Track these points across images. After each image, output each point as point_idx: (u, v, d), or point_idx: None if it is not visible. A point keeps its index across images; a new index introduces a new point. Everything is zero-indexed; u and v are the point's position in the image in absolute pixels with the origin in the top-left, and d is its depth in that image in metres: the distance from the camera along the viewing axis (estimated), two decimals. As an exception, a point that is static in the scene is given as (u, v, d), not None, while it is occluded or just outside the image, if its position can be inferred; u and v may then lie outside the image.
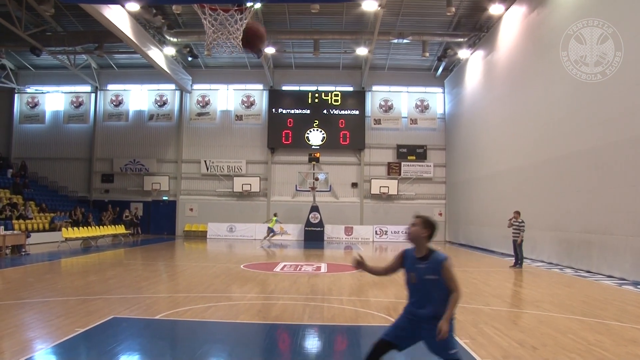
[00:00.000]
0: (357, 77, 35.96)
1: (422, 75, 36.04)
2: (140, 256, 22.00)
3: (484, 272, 17.40)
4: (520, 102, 22.94)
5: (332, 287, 12.95)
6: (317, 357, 7.22)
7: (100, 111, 36.99)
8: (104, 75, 36.92)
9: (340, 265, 18.98)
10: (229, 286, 13.40)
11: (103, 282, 13.84)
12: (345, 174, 35.78)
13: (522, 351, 7.06)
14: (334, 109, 35.76)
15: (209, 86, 36.61)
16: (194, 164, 36.22)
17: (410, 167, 35.56)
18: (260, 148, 36.10)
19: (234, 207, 35.58)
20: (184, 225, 36.03)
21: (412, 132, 35.93)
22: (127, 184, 36.45)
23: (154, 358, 6.86)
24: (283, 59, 35.34)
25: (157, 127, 36.72)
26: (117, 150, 36.53)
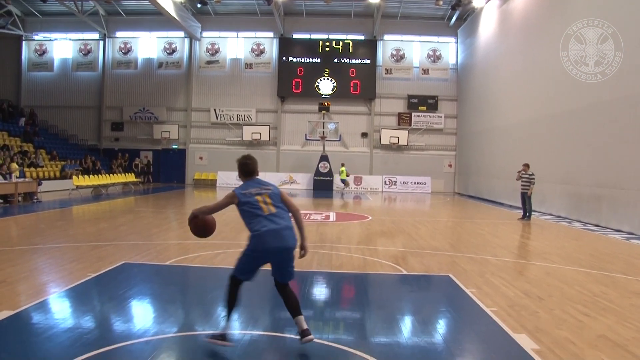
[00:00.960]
0: (369, 25, 35.34)
1: (435, 25, 35.34)
2: (150, 204, 22.21)
3: (492, 224, 17.46)
4: (534, 54, 22.50)
5: (340, 236, 13.05)
6: (325, 303, 7.33)
7: (109, 59, 36.73)
8: (112, 23, 36.49)
9: (348, 214, 19.09)
10: (238, 234, 13.49)
11: (114, 229, 14.01)
12: (356, 123, 35.58)
13: (528, 301, 7.12)
14: (345, 58, 35.31)
15: (219, 34, 36.12)
16: (204, 113, 36.11)
17: (421, 117, 35.28)
18: (270, 97, 35.86)
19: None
20: (193, 173, 36.20)
21: (424, 82, 35.49)
22: (137, 133, 36.48)
23: (164, 303, 6.98)
24: (294, 6, 34.72)
25: (167, 75, 36.47)
26: (126, 99, 36.42)
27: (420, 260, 10.07)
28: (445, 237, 14.22)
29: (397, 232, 14.46)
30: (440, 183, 35.14)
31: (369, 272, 9.08)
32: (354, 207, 23.69)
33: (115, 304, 6.74)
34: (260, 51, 35.78)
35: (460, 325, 6.26)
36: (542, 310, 6.64)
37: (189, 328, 5.98)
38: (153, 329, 5.70)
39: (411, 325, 6.24)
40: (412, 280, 8.63)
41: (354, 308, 7.11)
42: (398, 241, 12.76)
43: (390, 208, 23.98)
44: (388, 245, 12.18)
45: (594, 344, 5.46)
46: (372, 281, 8.63)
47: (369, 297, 7.74)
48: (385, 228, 15.26)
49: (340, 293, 8.04)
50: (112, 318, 6.21)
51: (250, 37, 35.96)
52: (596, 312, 6.65)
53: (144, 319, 6.27)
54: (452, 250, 11.38)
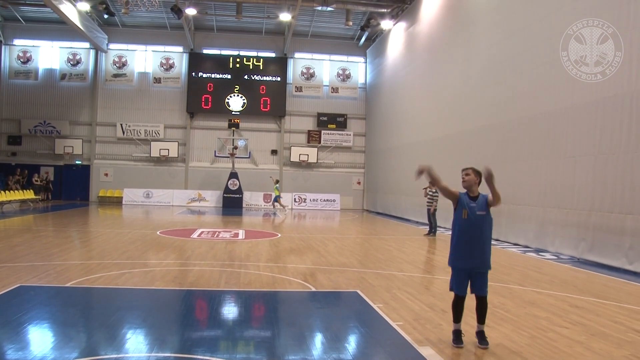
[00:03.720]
0: (280, 43, 35.62)
1: (344, 44, 36.14)
2: (51, 222, 21.17)
3: (400, 239, 17.93)
4: (438, 75, 23.49)
5: (249, 254, 12.97)
6: (234, 322, 7.24)
7: (6, 68, 34.75)
8: (9, 29, 34.63)
9: (258, 232, 19.01)
10: (144, 253, 13.13)
11: (9, 249, 13.21)
12: (265, 140, 35.62)
13: (432, 314, 7.36)
14: (255, 75, 35.34)
15: (127, 46, 35.20)
16: (110, 127, 34.93)
17: (330, 135, 35.83)
18: (179, 112, 35.25)
19: (151, 172, 34.73)
20: (98, 190, 34.83)
21: (333, 100, 36.11)
22: (37, 147, 34.70)
23: (64, 326, 6.65)
24: (204, 21, 34.45)
25: (70, 88, 35.03)
26: (25, 111, 34.58)
27: (329, 277, 10.16)
28: (353, 253, 14.44)
29: (306, 249, 14.54)
30: (350, 200, 35.73)
31: (278, 289, 9.08)
32: (263, 224, 23.63)
33: (9, 330, 6.34)
34: (170, 65, 35.16)
35: (368, 340, 6.36)
36: (445, 323, 6.87)
37: (90, 352, 5.72)
38: (51, 355, 5.40)
39: (320, 342, 6.27)
40: (320, 297, 8.70)
41: (263, 326, 7.07)
42: (307, 258, 12.83)
43: (299, 225, 24.09)
44: (297, 263, 12.22)
45: (492, 352, 5.74)
46: (281, 299, 8.63)
47: (278, 314, 7.73)
48: (294, 245, 15.31)
49: (249, 311, 7.96)
50: (5, 345, 5.82)
51: (159, 50, 35.27)
52: (494, 322, 6.97)
53: (42, 344, 5.94)
54: (360, 267, 11.58)
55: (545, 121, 15.23)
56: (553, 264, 12.88)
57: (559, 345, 6.11)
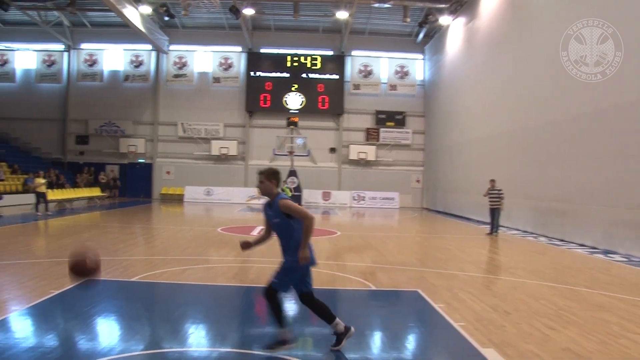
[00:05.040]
0: (337, 41, 35.60)
1: (402, 41, 35.80)
2: (116, 219, 21.84)
3: (460, 239, 17.63)
4: (499, 70, 22.96)
5: (309, 252, 12.98)
6: (293, 319, 7.26)
7: (74, 71, 36.15)
8: (77, 34, 35.98)
9: (317, 229, 19.02)
10: (205, 249, 13.38)
11: (77, 244, 13.71)
12: (324, 138, 35.67)
13: (495, 315, 7.19)
14: (313, 73, 35.47)
15: (186, 47, 35.94)
16: (171, 127, 35.78)
17: (389, 133, 35.57)
18: (238, 111, 35.74)
19: (211, 170, 35.37)
20: (160, 188, 35.76)
21: (391, 98, 35.84)
22: (103, 146, 35.91)
23: (130, 320, 6.84)
24: (262, 21, 34.80)
25: (133, 88, 36.08)
26: (92, 112, 35.83)
27: (389, 276, 10.09)
28: (413, 252, 14.30)
29: (365, 247, 14.48)
30: (408, 198, 35.40)
31: (338, 287, 9.06)
32: (322, 222, 23.68)
33: (79, 322, 6.58)
34: (228, 65, 35.70)
35: (429, 341, 6.27)
36: (509, 324, 6.70)
37: (155, 345, 5.87)
38: (118, 347, 5.56)
39: (380, 342, 6.23)
40: (380, 296, 8.64)
41: (323, 324, 7.06)
42: (366, 256, 12.78)
43: (358, 223, 24.05)
44: (356, 261, 12.18)
45: (559, 357, 5.54)
46: (340, 297, 8.61)
47: (338, 313, 7.70)
48: (353, 243, 15.27)
49: (309, 309, 7.98)
50: (76, 336, 6.05)
51: (218, 51, 35.85)
52: (561, 325, 6.74)
53: (109, 337, 6.13)
54: (420, 266, 11.45)
55: (612, 116, 14.65)
56: (623, 266, 12.34)
57: (632, 352, 5.82)
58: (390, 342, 6.17)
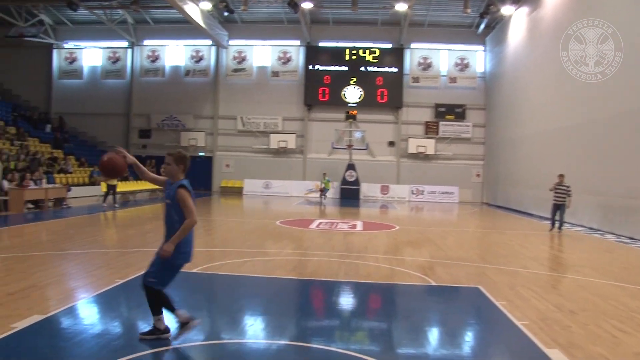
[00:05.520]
0: (396, 33, 35.22)
1: (462, 33, 35.07)
2: (177, 211, 22.23)
3: (522, 235, 17.18)
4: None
5: (367, 245, 12.94)
6: (351, 313, 7.24)
7: (137, 67, 37.17)
8: (140, 31, 36.92)
9: (375, 223, 18.94)
10: (264, 242, 13.51)
11: (141, 235, 14.10)
12: (382, 132, 35.40)
13: (560, 315, 6.94)
14: (371, 66, 35.22)
15: (245, 42, 36.30)
16: (230, 120, 36.28)
17: (449, 126, 34.97)
18: (296, 105, 35.90)
19: (270, 163, 35.69)
20: (220, 181, 36.36)
21: (451, 90, 35.21)
22: (165, 140, 36.75)
23: (192, 310, 6.93)
24: (320, 15, 34.78)
25: (194, 83, 36.76)
26: (154, 106, 36.75)
27: (448, 271, 9.92)
28: (473, 247, 14.03)
29: (424, 242, 14.31)
30: (468, 193, 34.76)
31: (397, 282, 8.97)
32: (380, 216, 23.56)
33: (143, 311, 6.72)
34: (287, 59, 35.89)
35: (490, 339, 6.11)
36: (575, 325, 6.46)
37: (215, 336, 5.96)
38: (182, 336, 5.66)
39: (439, 337, 6.13)
40: (439, 292, 8.49)
41: (380, 318, 7.01)
42: (425, 251, 12.62)
43: (417, 218, 23.79)
44: (415, 256, 12.05)
45: (631, 362, 5.30)
46: (399, 291, 8.52)
47: (397, 307, 7.65)
48: (412, 238, 15.11)
49: (367, 303, 7.95)
50: (141, 325, 6.20)
51: (276, 45, 36.06)
52: (632, 327, 6.45)
53: (171, 326, 6.24)
54: (481, 262, 11.21)
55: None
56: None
57: None
58: (449, 339, 6.06)
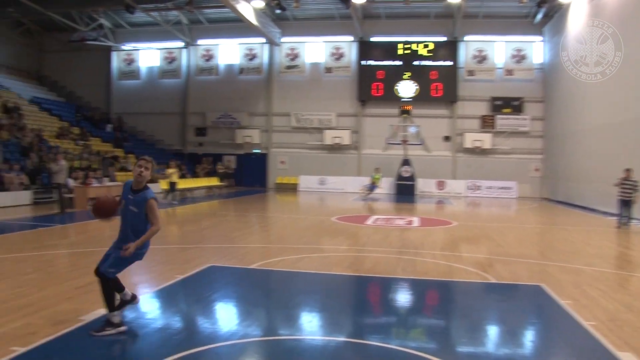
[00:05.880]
0: (449, 26, 34.61)
1: (519, 24, 34.12)
2: (233, 207, 22.59)
3: (585, 231, 16.56)
4: (630, 49, 21.25)
5: (424, 242, 12.76)
6: (409, 310, 7.13)
7: (193, 66, 37.84)
8: (195, 31, 37.53)
9: (432, 219, 18.67)
10: (320, 238, 13.50)
11: (199, 232, 14.32)
12: (437, 126, 34.88)
13: (631, 316, 6.64)
14: (425, 60, 34.73)
15: (298, 39, 36.40)
16: (284, 117, 36.48)
17: (505, 120, 34.15)
18: (350, 101, 35.78)
19: (324, 159, 35.71)
20: (275, 177, 36.63)
21: (508, 83, 34.34)
22: (220, 137, 37.31)
23: (250, 306, 7.00)
24: (372, 9, 34.50)
25: (248, 81, 37.12)
26: (209, 104, 37.33)
27: (508, 268, 9.66)
28: (533, 244, 13.65)
29: (483, 238, 14.01)
30: (527, 188, 33.85)
31: (455, 279, 8.79)
32: (436, 212, 23.23)
33: (203, 306, 6.84)
34: (340, 55, 35.80)
35: (555, 340, 5.88)
36: (647, 326, 6.17)
37: (272, 332, 5.97)
38: (239, 332, 5.70)
39: (500, 336, 5.97)
40: (500, 289, 8.27)
41: (439, 316, 6.88)
42: (484, 248, 12.35)
43: (474, 213, 23.34)
44: (474, 252, 11.80)
45: None
46: (458, 289, 8.35)
47: (456, 305, 7.49)
48: (470, 234, 14.81)
49: (425, 300, 7.83)
50: (200, 320, 6.30)
51: (329, 41, 36.02)
52: None
53: (230, 322, 6.31)
54: (542, 259, 10.87)
55: None
56: None
57: None
58: (511, 338, 5.89)
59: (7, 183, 20.12)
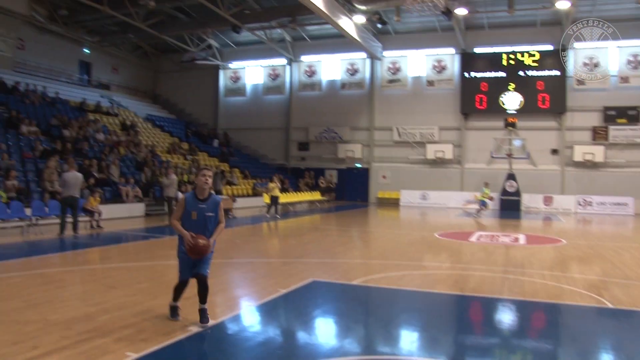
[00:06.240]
0: (557, 34, 33.09)
1: (635, 27, 32.08)
2: (335, 222, 22.76)
3: None
4: None
5: (532, 260, 12.25)
6: (519, 334, 6.85)
7: (295, 82, 38.70)
8: (297, 47, 38.39)
9: (539, 237, 17.92)
10: (423, 254, 13.31)
11: (301, 245, 14.53)
12: (544, 139, 33.47)
13: None
14: (531, 70, 33.50)
15: (399, 52, 36.28)
16: (386, 131, 36.40)
17: (620, 131, 32.16)
18: (452, 114, 35.14)
19: (426, 174, 35.24)
20: (376, 192, 36.55)
21: (623, 91, 32.35)
22: (322, 152, 37.81)
23: (351, 323, 6.99)
24: (475, 20, 33.78)
25: (349, 96, 37.43)
26: (311, 119, 37.98)
27: (627, 292, 9.04)
28: (654, 264, 12.75)
29: (596, 258, 13.25)
30: (645, 203, 31.70)
31: (566, 302, 8.33)
32: (544, 229, 22.27)
33: (305, 321, 6.92)
34: (442, 67, 35.32)
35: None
36: None
37: (372, 350, 5.92)
38: (340, 349, 5.71)
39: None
40: (618, 315, 7.73)
41: (550, 342, 6.56)
42: (598, 268, 11.66)
43: (586, 231, 22.15)
44: (586, 273, 11.17)
45: None
46: (569, 313, 7.90)
47: (567, 330, 7.12)
48: (582, 253, 14.06)
49: (533, 323, 7.48)
50: (303, 335, 6.38)
51: (430, 54, 35.62)
52: None
53: (331, 338, 6.34)
54: (665, 281, 10.12)
55: None
56: None
57: None
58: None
59: (123, 196, 21.46)
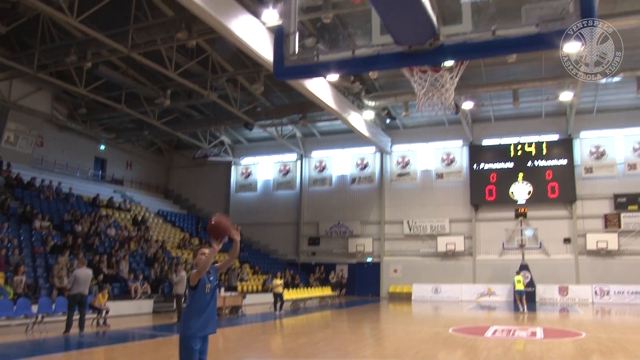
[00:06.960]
0: (562, 124, 33.75)
1: (637, 115, 32.63)
2: (346, 318, 22.28)
3: None
4: None
5: (551, 356, 11.81)
6: None
7: (306, 177, 39.20)
8: (308, 143, 39.20)
9: (557, 330, 17.38)
10: (438, 352, 12.88)
11: (313, 344, 14.13)
12: (556, 228, 33.22)
13: None
14: (539, 160, 33.82)
15: (408, 146, 36.89)
16: (397, 225, 36.34)
17: (633, 217, 31.90)
18: (462, 206, 35.18)
19: (438, 267, 34.79)
20: (388, 286, 35.96)
21: (632, 178, 32.38)
22: (333, 246, 37.64)
23: None
24: (481, 113, 34.52)
25: (360, 190, 37.72)
26: (322, 214, 38.11)
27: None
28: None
29: (619, 352, 12.75)
30: (666, 292, 30.89)
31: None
32: (562, 321, 21.64)
33: None
34: (450, 160, 35.73)
35: None
36: None
37: None
38: None
39: None
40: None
41: None
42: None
43: (606, 322, 21.49)
44: (610, 368, 10.72)
45: None
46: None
47: None
48: (603, 347, 13.54)
49: None
50: None
51: (439, 147, 36.20)
52: None
53: None
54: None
55: None
56: None
57: None
58: None
59: (132, 292, 21.26)
